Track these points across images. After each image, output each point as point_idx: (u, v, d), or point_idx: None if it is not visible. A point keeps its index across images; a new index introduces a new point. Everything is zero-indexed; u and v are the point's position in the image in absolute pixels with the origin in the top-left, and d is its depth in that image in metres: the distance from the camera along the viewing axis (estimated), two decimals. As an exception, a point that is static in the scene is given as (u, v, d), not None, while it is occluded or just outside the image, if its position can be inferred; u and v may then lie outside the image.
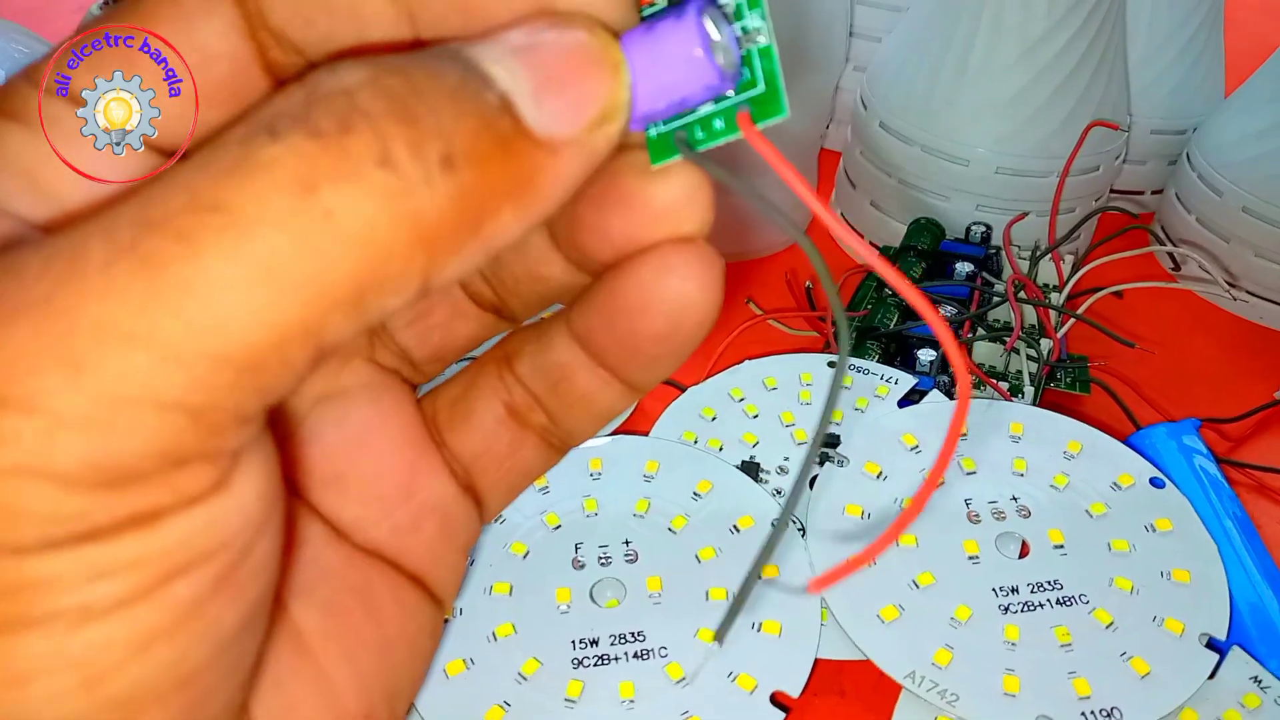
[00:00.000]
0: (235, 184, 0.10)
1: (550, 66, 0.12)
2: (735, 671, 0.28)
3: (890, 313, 0.40)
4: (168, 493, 0.11)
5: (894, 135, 0.46)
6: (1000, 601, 0.29)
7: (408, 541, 0.18)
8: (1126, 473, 0.33)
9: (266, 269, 0.10)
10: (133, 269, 0.10)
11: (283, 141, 0.11)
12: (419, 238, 0.11)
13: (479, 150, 0.11)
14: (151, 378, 0.10)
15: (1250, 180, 0.46)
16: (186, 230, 0.10)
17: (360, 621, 0.17)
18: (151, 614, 0.11)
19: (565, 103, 0.12)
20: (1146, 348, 0.42)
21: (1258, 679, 0.28)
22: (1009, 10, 0.42)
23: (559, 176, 0.12)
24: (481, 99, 0.11)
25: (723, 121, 0.13)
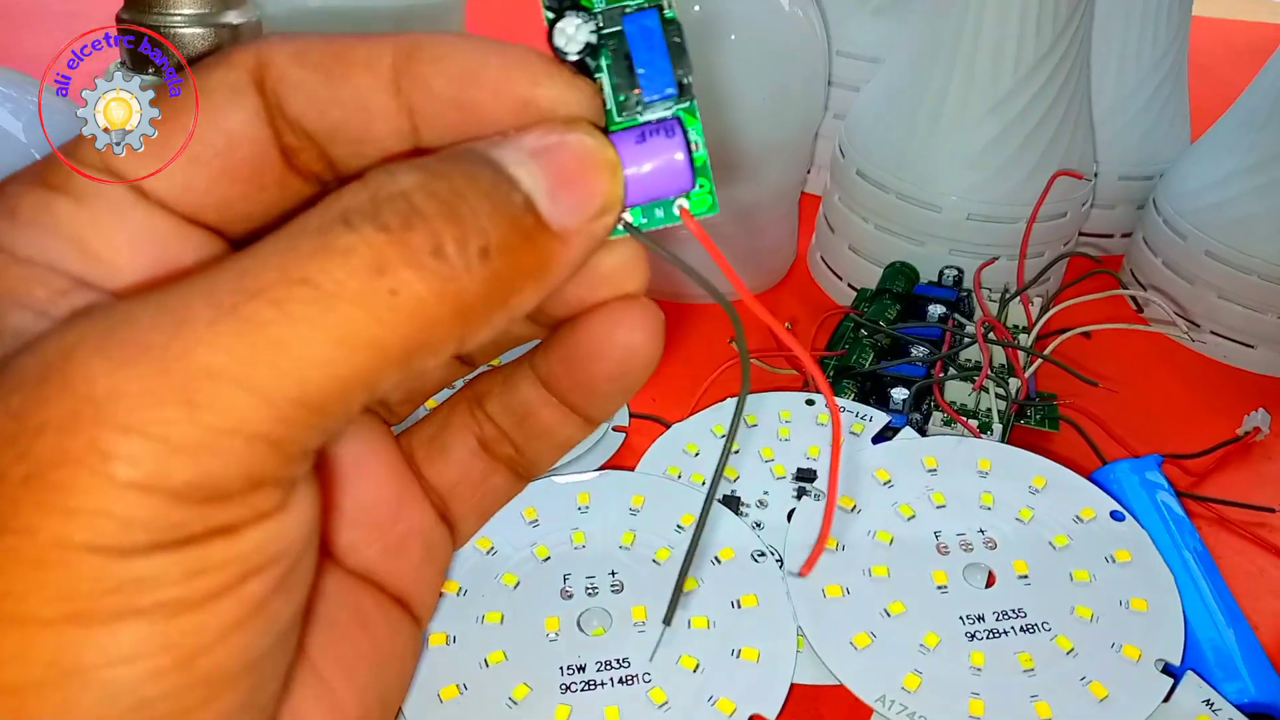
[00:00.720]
0: (319, 264, 0.13)
1: (562, 168, 0.15)
2: (715, 696, 0.29)
3: (866, 353, 0.42)
4: (247, 509, 0.13)
5: (870, 182, 0.48)
6: (967, 629, 0.31)
7: (395, 563, 0.20)
8: (1088, 506, 0.35)
9: (342, 333, 0.13)
10: (235, 326, 0.13)
11: (357, 232, 0.13)
12: (459, 312, 0.14)
13: (509, 243, 0.14)
14: (247, 414, 0.13)
15: (1212, 225, 0.48)
16: (280, 299, 0.13)
17: (357, 637, 0.19)
18: (231, 607, 0.13)
19: (574, 199, 0.15)
20: (1110, 386, 0.44)
21: (1210, 702, 0.29)
22: (979, 65, 0.44)
23: (568, 259, 0.15)
24: (510, 200, 0.14)
25: (663, 211, 0.16)
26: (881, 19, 0.56)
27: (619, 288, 0.18)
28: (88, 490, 0.12)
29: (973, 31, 0.44)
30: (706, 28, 0.45)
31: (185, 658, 0.13)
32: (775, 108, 0.46)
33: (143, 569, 0.13)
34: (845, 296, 0.50)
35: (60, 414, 0.12)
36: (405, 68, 0.15)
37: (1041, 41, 0.43)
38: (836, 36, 0.55)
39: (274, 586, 0.14)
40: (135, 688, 0.13)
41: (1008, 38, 0.44)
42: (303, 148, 0.16)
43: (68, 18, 0.71)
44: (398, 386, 0.14)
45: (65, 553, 0.12)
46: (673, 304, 0.49)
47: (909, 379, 0.40)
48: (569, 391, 0.19)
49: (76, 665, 0.13)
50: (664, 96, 0.16)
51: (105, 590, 0.12)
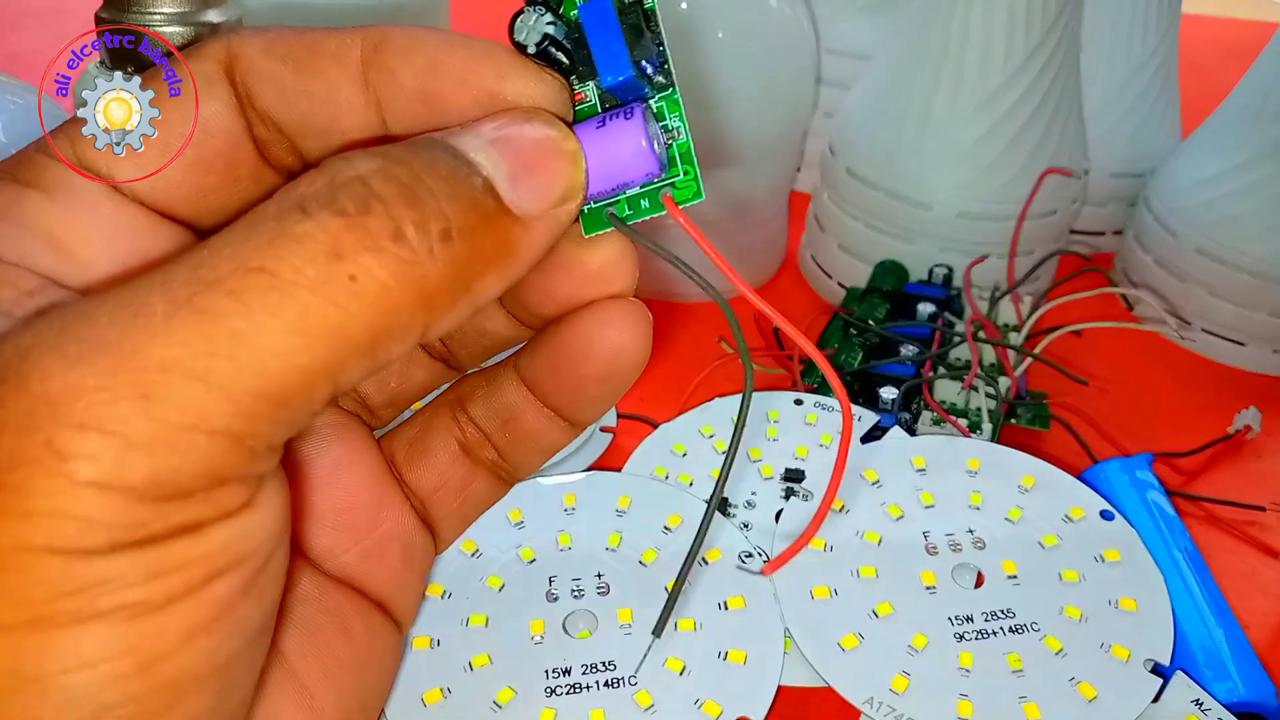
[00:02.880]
0: (275, 252, 0.13)
1: (522, 155, 0.14)
2: (702, 698, 0.29)
3: (855, 352, 0.42)
4: (210, 507, 0.13)
5: (860, 181, 0.48)
6: (956, 630, 0.31)
7: (374, 567, 0.20)
8: (1078, 506, 0.34)
9: (301, 322, 0.13)
10: (191, 319, 0.12)
11: (313, 219, 0.13)
12: (421, 298, 0.13)
13: (470, 225, 0.14)
14: (206, 408, 0.12)
15: (1203, 223, 0.48)
16: (236, 289, 0.12)
17: (336, 641, 0.19)
18: (196, 609, 0.13)
19: (535, 185, 0.14)
20: (1101, 385, 0.44)
21: (1199, 702, 0.29)
22: (968, 62, 0.44)
23: (531, 244, 0.15)
24: (470, 183, 0.14)
25: (648, 201, 0.16)
26: (871, 17, 0.55)
27: (607, 287, 0.17)
28: (45, 491, 0.12)
29: (961, 28, 0.44)
30: (694, 25, 0.45)
31: (147, 661, 0.13)
32: (764, 106, 0.46)
33: (104, 570, 0.12)
34: (835, 295, 0.49)
35: (15, 414, 0.12)
36: (373, 60, 0.15)
37: (1030, 38, 0.43)
38: (826, 34, 0.55)
39: (242, 588, 0.14)
40: (96, 693, 0.13)
41: (996, 35, 0.43)
42: (274, 140, 0.16)
43: (53, 15, 0.71)
44: (363, 378, 0.14)
45: (24, 556, 0.12)
46: (660, 302, 0.48)
47: (898, 378, 0.40)
48: (554, 394, 0.19)
49: (36, 672, 0.12)
50: (621, 82, 0.15)
51: (65, 593, 0.12)
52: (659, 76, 0.16)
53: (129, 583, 0.12)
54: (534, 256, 0.15)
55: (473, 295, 0.14)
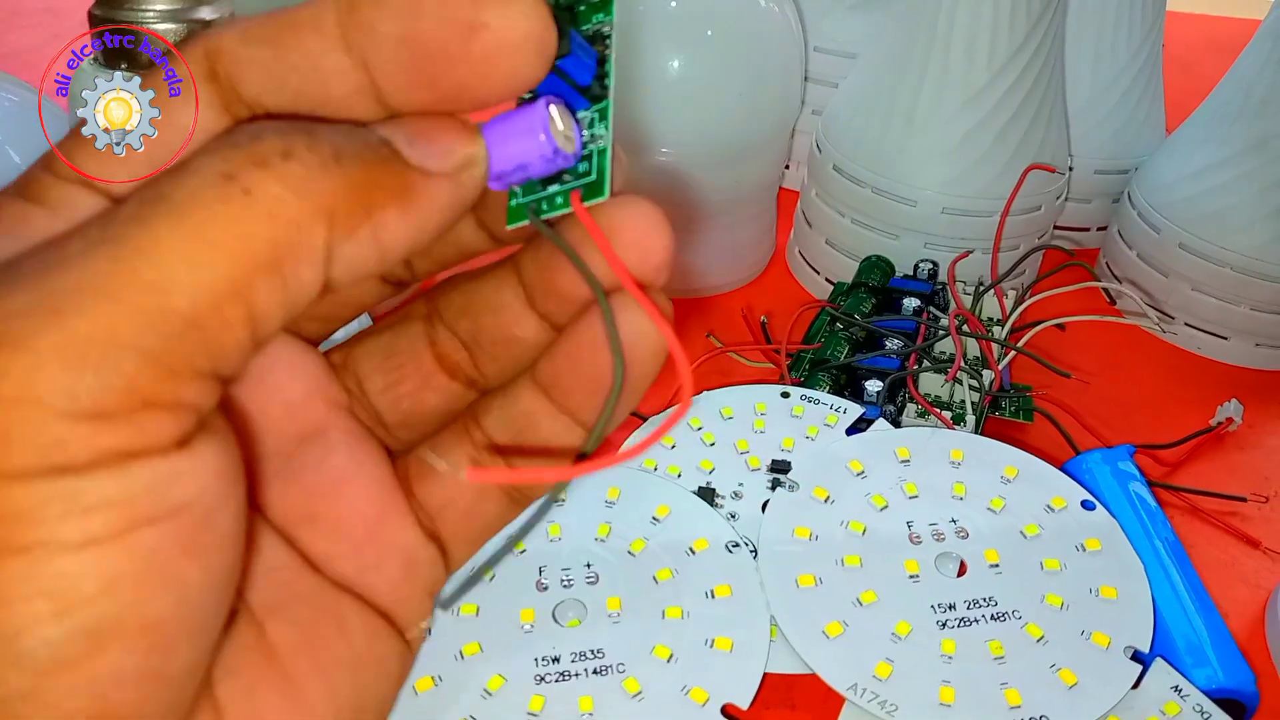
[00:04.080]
0: (175, 180, 0.13)
1: (418, 125, 0.15)
2: (688, 685, 0.29)
3: (840, 346, 0.42)
4: (135, 433, 0.13)
5: (847, 177, 0.48)
6: (938, 618, 0.31)
7: (372, 579, 0.20)
8: (1059, 496, 0.35)
9: (200, 237, 0.13)
10: (100, 247, 0.13)
11: (209, 153, 0.14)
12: (318, 210, 0.14)
13: (364, 156, 0.14)
14: (115, 323, 0.13)
15: (1186, 218, 0.49)
16: (140, 215, 0.13)
17: (331, 638, 0.19)
18: (119, 556, 0.13)
19: (431, 148, 0.15)
20: (1084, 378, 0.44)
21: (1178, 688, 0.30)
22: (953, 60, 0.45)
23: (433, 193, 0.15)
24: (366, 134, 0.15)
25: (562, 199, 0.17)
26: (858, 15, 0.56)
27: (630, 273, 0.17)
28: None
29: (946, 26, 0.44)
30: (683, 23, 0.45)
31: (64, 607, 0.13)
32: (752, 103, 0.47)
33: (18, 498, 0.12)
34: (823, 290, 0.50)
35: None
36: (349, 19, 0.15)
37: (1015, 36, 0.44)
38: (813, 32, 0.55)
39: (175, 543, 0.14)
40: (15, 635, 0.13)
41: (981, 32, 0.44)
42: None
43: (48, 14, 0.71)
44: (284, 305, 0.14)
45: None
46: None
47: (883, 371, 0.40)
48: (573, 394, 0.18)
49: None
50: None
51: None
52: (595, 87, 0.17)
53: (45, 518, 0.12)
54: (439, 209, 0.15)
55: (375, 225, 0.15)
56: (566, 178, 0.17)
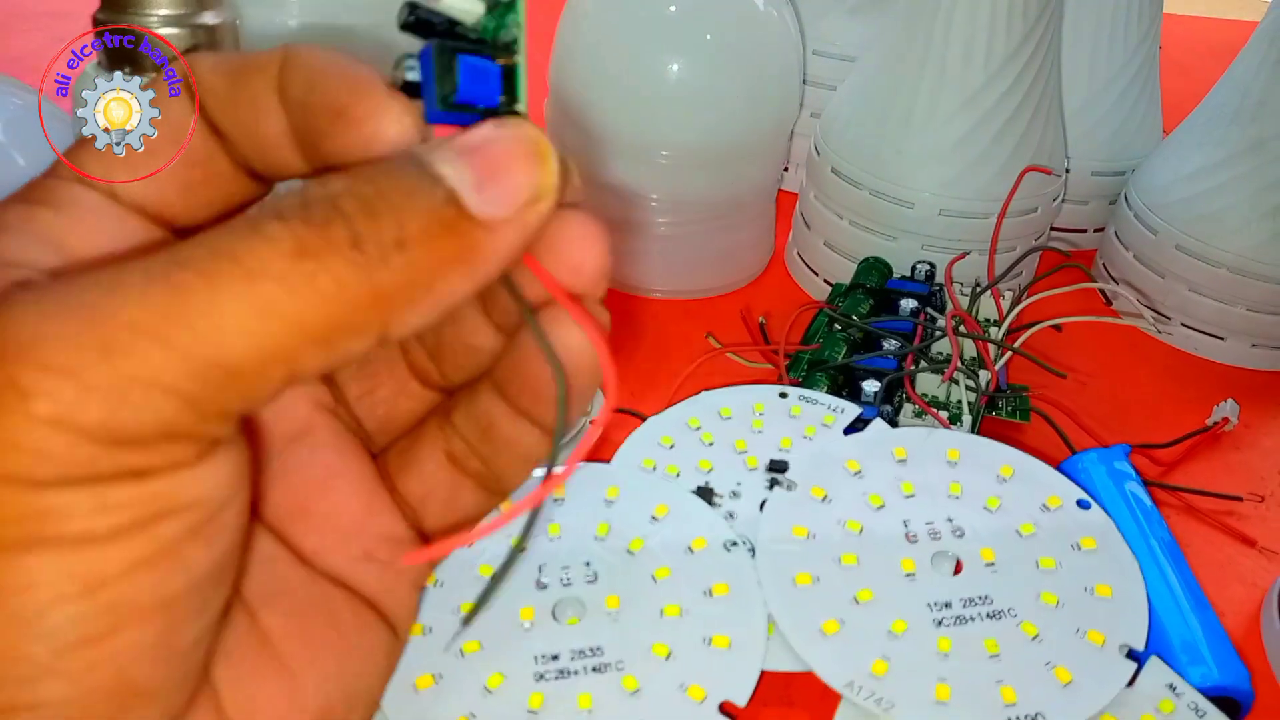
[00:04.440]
0: (247, 246, 0.14)
1: (489, 161, 0.15)
2: (686, 683, 0.29)
3: (839, 347, 0.42)
4: (158, 457, 0.14)
5: (845, 179, 0.48)
6: (934, 616, 0.31)
7: (362, 571, 0.20)
8: (1055, 495, 0.35)
9: (261, 304, 0.14)
10: (161, 290, 0.14)
11: (285, 223, 0.14)
12: (377, 296, 0.14)
13: (428, 233, 0.15)
14: (161, 366, 0.13)
15: (1183, 220, 0.49)
16: (207, 271, 0.14)
17: (321, 627, 0.20)
18: (140, 545, 0.14)
19: (499, 190, 0.15)
20: (1080, 378, 0.45)
21: (1173, 686, 0.30)
22: (950, 62, 0.45)
23: (497, 247, 0.15)
24: (430, 195, 0.15)
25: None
26: (856, 18, 0.56)
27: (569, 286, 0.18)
28: (3, 424, 0.13)
29: (943, 29, 0.45)
30: (681, 27, 0.45)
31: (91, 587, 0.14)
32: (751, 106, 0.47)
33: (52, 501, 0.13)
34: (821, 292, 0.50)
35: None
36: (285, 68, 0.16)
37: (1011, 38, 0.44)
38: (812, 36, 0.55)
39: (187, 532, 0.15)
40: (42, 612, 0.14)
41: (977, 34, 0.44)
42: (232, 149, 0.17)
43: (52, 18, 0.71)
44: (325, 367, 0.15)
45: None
46: (647, 300, 0.49)
47: (881, 372, 0.40)
48: (521, 396, 0.19)
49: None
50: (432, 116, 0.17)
51: (13, 519, 0.13)
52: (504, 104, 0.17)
53: (74, 514, 0.13)
54: (502, 257, 0.16)
55: (435, 294, 0.15)
56: None
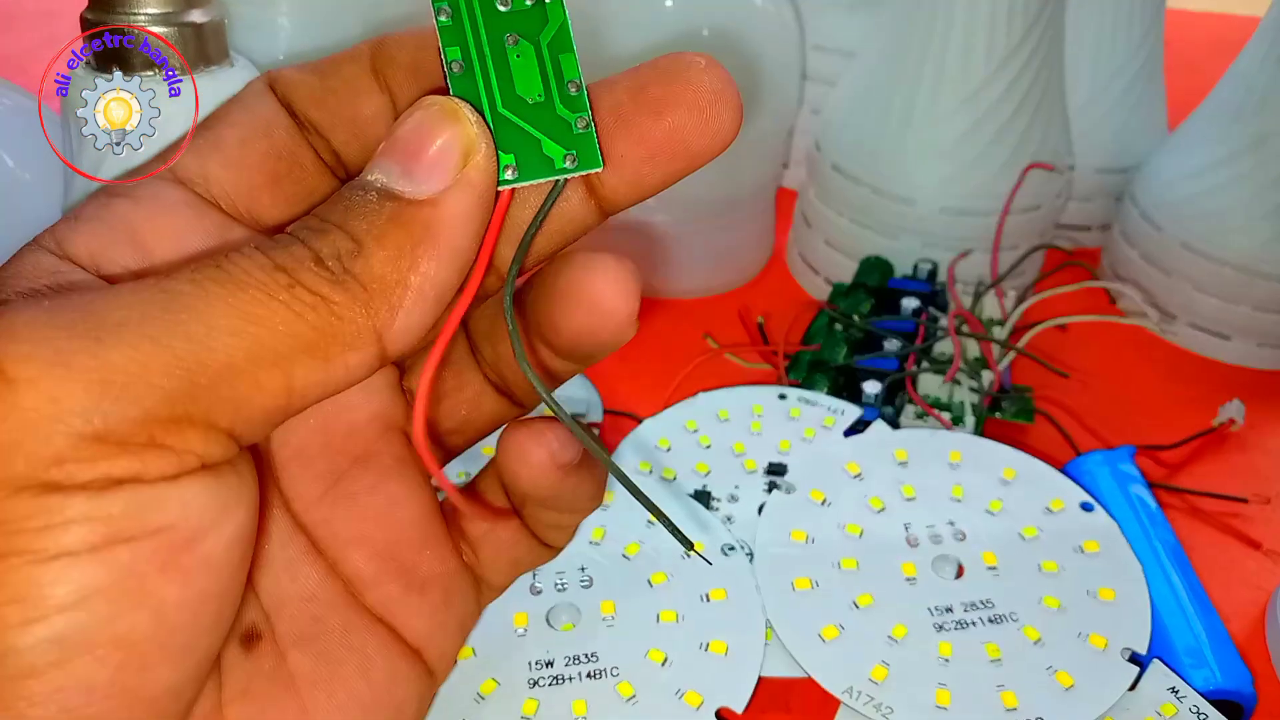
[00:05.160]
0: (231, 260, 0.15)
1: (405, 147, 0.16)
2: (683, 689, 0.29)
3: (840, 347, 0.42)
4: (131, 465, 0.13)
5: (846, 177, 0.48)
6: (935, 620, 0.31)
7: (416, 603, 0.20)
8: (1058, 498, 0.35)
9: (249, 310, 0.14)
10: (153, 293, 0.14)
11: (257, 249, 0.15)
12: (353, 301, 0.15)
13: (375, 231, 0.15)
14: (148, 361, 0.13)
15: (1187, 217, 0.49)
16: (196, 279, 0.14)
17: (351, 676, 0.19)
18: (93, 570, 0.13)
19: (426, 166, 0.16)
20: (1084, 378, 0.44)
21: (1175, 690, 0.30)
22: (951, 59, 0.45)
23: (452, 215, 0.16)
24: (364, 199, 0.16)
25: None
26: (856, 13, 0.56)
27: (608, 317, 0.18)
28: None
29: (944, 24, 0.44)
30: (680, 22, 0.45)
31: (34, 615, 0.13)
32: (750, 103, 0.46)
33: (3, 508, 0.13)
34: (822, 291, 0.50)
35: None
36: (378, 53, 0.18)
37: (1012, 34, 0.44)
38: (811, 31, 0.55)
39: (152, 562, 0.14)
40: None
41: (978, 31, 0.44)
42: (319, 146, 0.18)
43: (42, 17, 0.71)
44: (329, 382, 0.15)
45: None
46: (644, 299, 0.49)
47: (882, 372, 0.40)
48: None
49: None
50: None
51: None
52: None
53: (21, 528, 0.13)
54: (463, 224, 0.16)
55: (418, 285, 0.15)
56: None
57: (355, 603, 0.20)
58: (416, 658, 0.20)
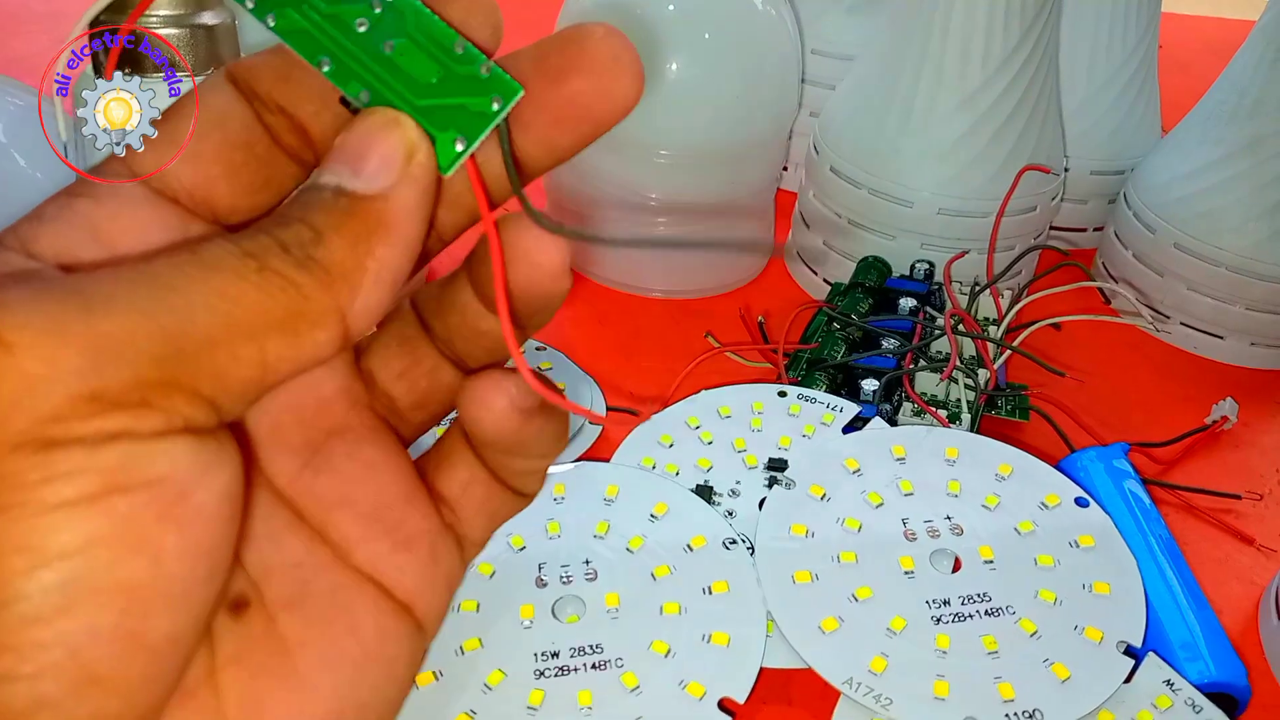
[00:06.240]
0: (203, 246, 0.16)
1: (351, 151, 0.17)
2: (686, 679, 0.30)
3: (838, 345, 0.43)
4: (125, 422, 0.14)
5: (844, 179, 0.49)
6: (933, 613, 0.32)
7: (404, 560, 0.20)
8: (1053, 493, 0.35)
9: (222, 289, 0.15)
10: (136, 273, 0.15)
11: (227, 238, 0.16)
12: (317, 284, 0.16)
13: (333, 222, 0.16)
14: (136, 329, 0.14)
15: (1181, 218, 0.49)
16: (174, 261, 0.15)
17: (341, 635, 0.19)
18: (94, 518, 0.14)
19: (373, 165, 0.17)
20: (1079, 377, 0.45)
21: (1170, 682, 0.30)
22: (948, 61, 0.45)
23: (402, 206, 0.17)
24: (320, 195, 0.17)
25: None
26: (855, 17, 0.56)
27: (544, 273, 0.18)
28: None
29: (941, 28, 0.45)
30: (680, 26, 0.45)
31: (38, 562, 0.14)
32: (749, 105, 0.47)
33: (5, 464, 0.13)
34: (821, 291, 0.50)
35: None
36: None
37: (1009, 38, 0.44)
38: (810, 35, 0.55)
39: (149, 511, 0.15)
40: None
41: (975, 34, 0.44)
42: (281, 127, 0.18)
43: (51, 19, 0.72)
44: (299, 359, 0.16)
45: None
46: (647, 299, 0.49)
47: (880, 370, 0.40)
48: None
49: None
50: None
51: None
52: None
53: (23, 482, 0.14)
54: (411, 213, 0.17)
55: (376, 271, 0.16)
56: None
57: (343, 564, 0.20)
58: (406, 613, 0.21)
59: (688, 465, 0.37)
